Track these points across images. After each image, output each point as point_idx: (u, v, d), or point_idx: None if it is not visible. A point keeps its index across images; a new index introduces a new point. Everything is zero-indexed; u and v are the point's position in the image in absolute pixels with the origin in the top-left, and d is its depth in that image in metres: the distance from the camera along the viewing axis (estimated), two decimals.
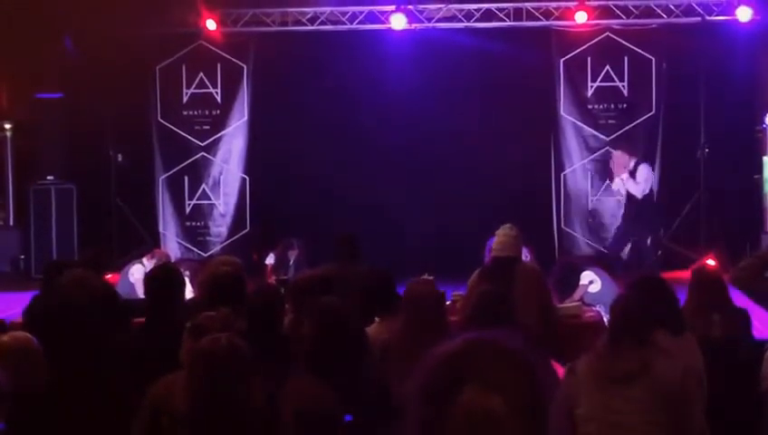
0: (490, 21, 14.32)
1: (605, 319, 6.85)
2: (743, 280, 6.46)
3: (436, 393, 1.78)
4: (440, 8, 14.36)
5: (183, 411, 4.01)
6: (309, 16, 14.52)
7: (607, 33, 14.50)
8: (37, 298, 6.76)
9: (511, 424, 1.73)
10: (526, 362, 1.81)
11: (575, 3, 14.15)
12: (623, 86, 14.59)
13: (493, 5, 14.27)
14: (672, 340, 5.37)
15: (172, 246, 14.72)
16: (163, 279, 6.15)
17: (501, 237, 8.15)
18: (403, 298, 5.90)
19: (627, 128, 14.58)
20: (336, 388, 4.42)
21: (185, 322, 5.48)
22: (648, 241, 13.17)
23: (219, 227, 14.81)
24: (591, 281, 9.66)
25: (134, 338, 5.82)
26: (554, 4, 14.34)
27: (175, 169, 14.97)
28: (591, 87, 14.64)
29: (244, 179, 14.96)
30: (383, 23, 14.34)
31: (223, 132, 14.96)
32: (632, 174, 13.26)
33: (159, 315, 5.90)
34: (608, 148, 14.63)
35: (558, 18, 14.41)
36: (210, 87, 14.91)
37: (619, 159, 13.52)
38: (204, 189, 14.98)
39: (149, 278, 6.31)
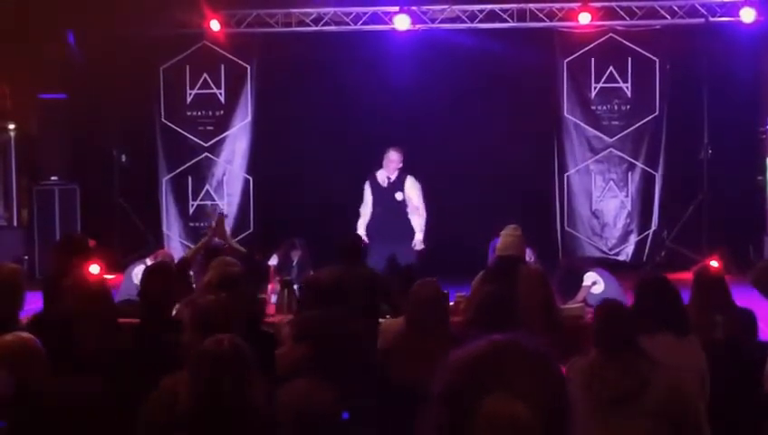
0: (493, 22, 14.33)
1: None
2: (762, 281, 6.47)
3: (460, 396, 1.75)
4: (444, 9, 14.37)
5: (184, 412, 4.02)
6: (312, 17, 14.53)
7: (610, 35, 14.50)
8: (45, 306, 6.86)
9: (535, 430, 1.71)
10: (551, 366, 1.78)
11: (578, 4, 14.15)
12: (626, 87, 14.59)
13: (496, 6, 14.28)
14: (676, 341, 5.36)
15: (175, 246, 14.72)
16: (158, 277, 6.22)
17: (505, 238, 8.19)
18: (407, 298, 5.93)
19: (630, 129, 14.60)
20: (337, 389, 4.44)
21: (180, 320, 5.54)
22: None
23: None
24: (594, 282, 9.65)
25: (131, 338, 5.86)
26: (558, 6, 14.34)
27: (178, 170, 14.99)
28: (595, 88, 14.65)
29: (247, 180, 14.98)
30: (387, 23, 14.35)
31: (226, 133, 14.98)
32: (397, 184, 11.62)
33: (154, 314, 5.96)
34: (611, 149, 14.64)
35: (561, 19, 14.42)
36: (214, 88, 14.93)
37: (393, 158, 11.72)
38: (207, 190, 15.00)
39: (144, 277, 6.38)
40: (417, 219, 11.56)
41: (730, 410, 5.53)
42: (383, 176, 11.75)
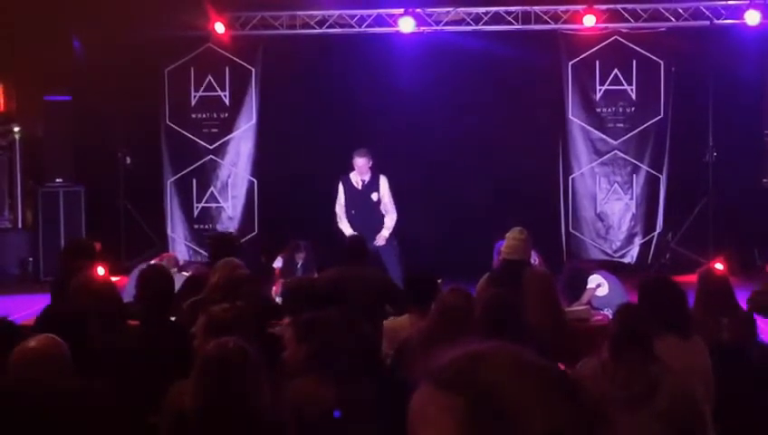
0: (498, 24, 14.32)
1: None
2: (760, 304, 6.48)
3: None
4: (448, 11, 14.37)
5: (191, 414, 4.03)
6: (317, 19, 14.53)
7: (615, 37, 14.50)
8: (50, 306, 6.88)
9: None
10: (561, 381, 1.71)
11: (583, 6, 14.14)
12: (631, 90, 14.59)
13: (501, 9, 14.28)
14: (681, 343, 5.36)
15: (180, 248, 14.74)
16: (155, 280, 6.24)
17: (511, 241, 8.18)
18: (435, 305, 5.91)
19: (635, 131, 14.59)
20: (339, 388, 4.45)
21: (179, 320, 5.55)
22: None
23: (227, 229, 14.81)
24: (599, 284, 9.65)
25: (131, 338, 5.88)
26: (562, 8, 14.33)
27: (183, 172, 14.99)
28: (600, 90, 14.65)
29: (252, 182, 14.99)
30: (391, 26, 14.35)
31: (231, 135, 14.99)
32: (372, 185, 11.98)
33: (153, 316, 5.98)
34: (616, 151, 14.64)
35: (566, 22, 14.41)
36: (218, 90, 14.94)
37: (360, 163, 12.00)
38: (212, 192, 15.01)
39: (139, 280, 6.41)
40: (389, 218, 12.02)
41: (735, 413, 5.53)
42: (357, 178, 12.06)
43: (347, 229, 11.92)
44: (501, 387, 1.60)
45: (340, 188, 12.11)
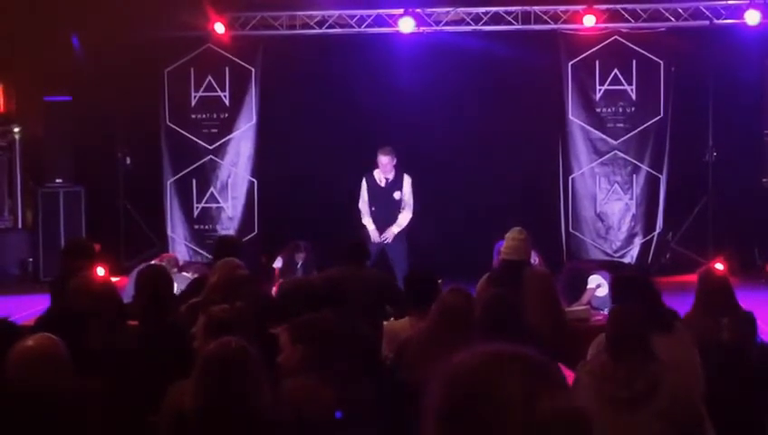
0: (498, 24, 14.32)
1: None
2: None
3: (455, 412, 1.67)
4: (448, 11, 14.37)
5: (191, 413, 4.03)
6: (317, 20, 14.53)
7: (615, 37, 14.50)
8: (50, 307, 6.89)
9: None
10: (555, 376, 1.70)
11: (583, 6, 14.15)
12: (631, 90, 14.58)
13: (501, 9, 14.28)
14: (663, 339, 5.35)
15: (180, 249, 14.73)
16: (152, 280, 6.25)
17: (510, 241, 8.18)
18: (435, 306, 5.90)
19: (635, 131, 14.59)
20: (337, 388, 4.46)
21: (178, 321, 5.55)
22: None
23: (227, 230, 14.80)
24: (599, 285, 9.66)
25: (131, 338, 5.89)
26: (562, 8, 14.33)
27: (183, 172, 14.98)
28: (599, 90, 14.64)
29: (251, 183, 14.98)
30: (391, 26, 14.35)
31: (231, 135, 14.98)
32: (395, 183, 12.10)
33: (151, 315, 5.98)
34: (616, 151, 14.63)
35: (566, 22, 14.41)
36: (218, 90, 14.93)
37: (384, 161, 12.07)
38: (212, 192, 15.00)
39: (136, 280, 6.40)
40: (402, 215, 12.05)
41: (736, 412, 5.53)
42: (380, 175, 12.07)
43: (370, 225, 12.04)
44: (487, 382, 1.62)
45: (364, 185, 12.17)
